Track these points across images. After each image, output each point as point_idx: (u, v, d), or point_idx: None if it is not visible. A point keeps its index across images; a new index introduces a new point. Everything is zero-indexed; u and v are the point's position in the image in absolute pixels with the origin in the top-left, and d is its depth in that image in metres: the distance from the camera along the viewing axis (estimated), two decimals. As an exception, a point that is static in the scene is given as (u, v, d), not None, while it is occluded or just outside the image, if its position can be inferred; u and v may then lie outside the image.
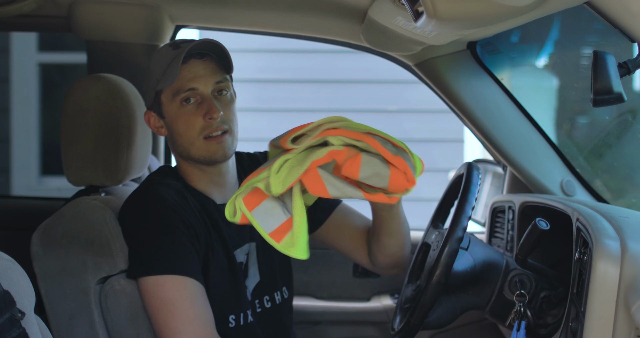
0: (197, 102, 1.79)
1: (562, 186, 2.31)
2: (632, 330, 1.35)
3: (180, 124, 1.79)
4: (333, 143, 1.54)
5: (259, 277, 1.90)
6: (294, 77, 5.47)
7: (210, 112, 1.77)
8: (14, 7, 2.23)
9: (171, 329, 1.68)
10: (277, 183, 1.52)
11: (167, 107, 1.81)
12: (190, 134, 1.79)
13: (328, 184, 1.51)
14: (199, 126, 1.78)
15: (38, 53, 6.03)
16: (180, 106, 1.79)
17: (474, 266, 1.77)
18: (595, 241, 1.45)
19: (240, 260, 1.86)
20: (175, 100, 1.79)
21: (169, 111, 1.81)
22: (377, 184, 1.54)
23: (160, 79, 1.79)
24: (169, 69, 1.77)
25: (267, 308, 1.90)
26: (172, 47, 1.81)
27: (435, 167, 5.49)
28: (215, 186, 1.86)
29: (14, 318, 1.17)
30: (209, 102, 1.78)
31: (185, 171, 1.86)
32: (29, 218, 2.18)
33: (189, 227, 1.75)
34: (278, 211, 1.55)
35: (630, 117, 2.73)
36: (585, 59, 2.97)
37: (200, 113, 1.77)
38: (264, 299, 1.90)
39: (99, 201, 1.82)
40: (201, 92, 1.79)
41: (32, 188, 5.94)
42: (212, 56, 1.81)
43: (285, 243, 1.52)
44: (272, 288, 1.92)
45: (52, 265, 1.76)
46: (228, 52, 1.81)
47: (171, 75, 1.75)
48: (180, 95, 1.78)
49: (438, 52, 2.27)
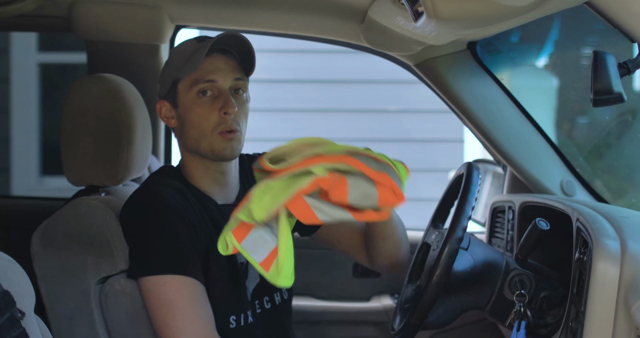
0: (213, 96, 1.78)
1: (562, 186, 2.31)
2: (632, 330, 1.35)
3: (194, 116, 1.79)
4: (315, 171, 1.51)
5: (259, 278, 1.89)
6: (294, 77, 5.47)
7: (226, 107, 1.76)
8: (14, 7, 2.23)
9: (171, 329, 1.68)
10: (259, 210, 1.49)
11: (183, 97, 1.80)
12: (203, 126, 1.78)
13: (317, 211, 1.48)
14: (213, 120, 1.77)
15: (38, 53, 6.03)
16: (197, 97, 1.78)
17: (474, 266, 1.77)
18: (595, 241, 1.45)
19: (241, 261, 1.86)
20: (192, 90, 1.78)
21: (184, 101, 1.80)
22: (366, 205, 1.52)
23: (180, 68, 1.79)
24: (192, 58, 1.77)
25: (267, 309, 1.90)
26: (197, 40, 1.82)
27: (435, 167, 5.50)
28: (217, 186, 1.86)
29: (14, 318, 1.17)
30: (226, 97, 1.78)
31: (189, 169, 1.85)
32: (29, 218, 2.18)
33: (190, 227, 1.75)
34: (266, 239, 1.52)
35: (630, 117, 2.73)
36: (585, 59, 2.97)
37: (216, 107, 1.77)
38: (263, 300, 1.90)
39: (99, 201, 1.82)
40: (219, 86, 1.78)
41: (32, 188, 5.94)
42: (235, 54, 1.81)
43: (272, 272, 1.51)
44: (272, 289, 1.92)
45: (52, 265, 1.76)
46: (253, 51, 1.81)
47: (193, 64, 1.75)
48: (198, 85, 1.78)
49: (438, 52, 2.27)
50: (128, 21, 2.35)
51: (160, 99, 1.86)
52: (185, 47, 1.82)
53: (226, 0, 2.31)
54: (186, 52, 1.81)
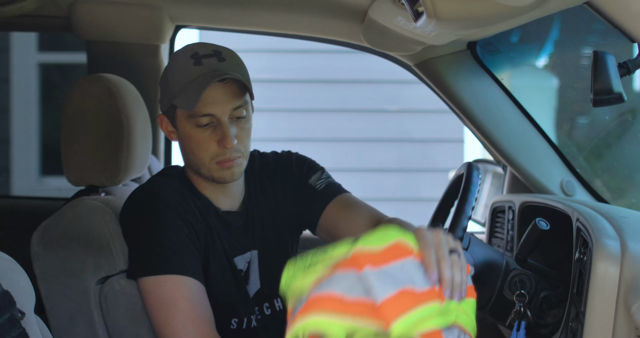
0: (212, 126, 1.73)
1: (562, 186, 2.31)
2: (632, 330, 1.35)
3: (193, 144, 1.75)
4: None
5: (259, 285, 1.89)
6: (294, 77, 5.47)
7: (224, 142, 1.72)
8: (14, 7, 2.23)
9: (171, 329, 1.68)
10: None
11: (181, 124, 1.76)
12: (202, 156, 1.75)
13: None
14: (212, 150, 1.74)
15: (38, 53, 6.03)
16: (195, 127, 1.74)
17: (474, 266, 1.77)
18: (595, 241, 1.45)
19: (240, 267, 1.85)
20: (190, 121, 1.74)
21: (183, 128, 1.76)
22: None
23: (177, 95, 1.73)
24: (189, 89, 1.70)
25: (267, 315, 1.89)
26: (194, 60, 1.72)
27: (435, 167, 5.50)
28: (221, 195, 1.85)
29: (14, 318, 1.17)
30: (224, 131, 1.71)
31: (192, 177, 1.85)
32: (29, 218, 2.18)
33: (189, 227, 1.75)
34: None
35: (630, 117, 2.73)
36: (585, 59, 2.97)
37: (215, 138, 1.73)
38: (264, 306, 1.89)
39: (99, 201, 1.82)
40: (218, 118, 1.73)
41: (32, 188, 5.93)
42: (235, 75, 1.72)
43: None
44: (272, 295, 1.90)
45: (52, 265, 1.76)
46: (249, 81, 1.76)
47: (191, 100, 1.69)
48: (196, 118, 1.73)
49: (438, 52, 2.27)
50: (128, 21, 2.35)
51: (161, 113, 1.83)
52: (181, 69, 1.73)
53: (226, 0, 2.31)
54: (183, 77, 1.72)
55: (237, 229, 1.85)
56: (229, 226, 1.84)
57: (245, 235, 1.86)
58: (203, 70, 1.71)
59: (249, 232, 1.87)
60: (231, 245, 1.83)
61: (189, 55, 1.74)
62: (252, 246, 1.88)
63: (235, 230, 1.85)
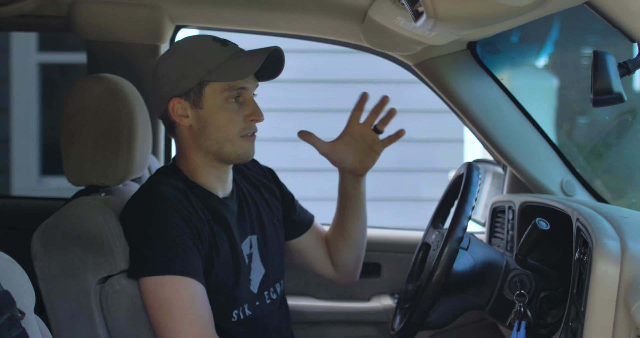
0: (239, 101, 1.83)
1: (562, 186, 2.31)
2: (632, 330, 1.35)
3: (222, 119, 1.81)
4: None
5: (263, 269, 1.92)
6: (294, 77, 5.47)
7: (255, 115, 1.83)
8: (14, 7, 2.23)
9: (171, 329, 1.68)
10: None
11: (210, 100, 1.81)
12: (230, 131, 1.81)
13: None
14: (240, 125, 1.82)
15: (38, 53, 6.03)
16: (226, 101, 1.81)
17: (474, 266, 1.77)
18: (595, 241, 1.45)
19: (246, 253, 1.88)
20: (222, 95, 1.81)
21: (212, 104, 1.81)
22: None
23: (212, 71, 1.79)
24: (230, 65, 1.79)
25: (274, 299, 1.94)
26: (219, 42, 1.83)
27: (435, 167, 5.50)
28: (219, 182, 1.89)
29: (14, 318, 1.17)
30: (254, 105, 1.84)
31: (192, 166, 1.86)
32: (29, 218, 2.18)
33: (191, 227, 1.75)
34: None
35: (630, 117, 2.73)
36: (585, 59, 2.97)
37: (243, 112, 1.82)
38: (270, 291, 1.93)
39: (99, 201, 1.82)
40: (247, 93, 1.83)
41: (32, 188, 5.93)
42: (277, 47, 1.86)
43: None
44: (274, 280, 1.95)
45: (52, 265, 1.76)
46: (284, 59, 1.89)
47: (237, 73, 1.78)
48: (230, 92, 1.80)
49: (438, 52, 2.27)
50: (128, 21, 2.35)
51: (174, 96, 1.83)
52: (212, 49, 1.81)
53: (226, 0, 2.31)
54: (215, 56, 1.80)
55: (236, 214, 1.90)
56: (232, 212, 1.87)
57: (244, 221, 1.91)
58: (235, 49, 1.83)
59: (246, 217, 1.92)
60: (236, 230, 1.87)
61: (210, 39, 1.84)
62: (252, 232, 1.93)
63: (235, 216, 1.88)
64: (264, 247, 1.94)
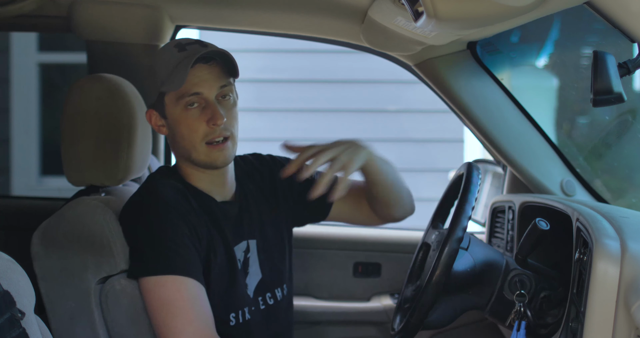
0: (200, 107, 1.78)
1: (562, 186, 2.30)
2: (632, 330, 1.35)
3: (183, 128, 1.79)
4: None
5: (260, 274, 1.90)
6: (293, 77, 5.47)
7: (214, 119, 1.76)
8: (14, 7, 2.23)
9: (171, 329, 1.68)
10: None
11: (170, 109, 1.81)
12: (192, 138, 1.78)
13: None
14: (201, 131, 1.78)
15: (38, 53, 6.03)
16: (184, 109, 1.78)
17: (474, 266, 1.77)
18: (595, 241, 1.45)
19: (239, 257, 1.86)
20: (179, 103, 1.78)
21: (172, 113, 1.81)
22: None
23: (165, 81, 1.78)
24: (176, 72, 1.76)
25: (270, 305, 1.91)
26: (178, 48, 1.80)
27: (435, 167, 5.50)
28: (215, 185, 1.87)
29: (14, 318, 1.17)
30: (213, 108, 1.77)
31: (185, 171, 1.87)
32: (29, 218, 2.17)
33: (191, 227, 1.76)
34: None
35: (630, 117, 2.73)
36: (585, 59, 2.97)
37: (204, 118, 1.77)
38: (266, 296, 1.91)
39: (99, 201, 1.82)
40: (205, 97, 1.78)
41: (32, 188, 5.93)
42: (218, 60, 1.80)
43: None
44: (273, 285, 1.93)
45: (52, 265, 1.76)
46: (234, 58, 1.80)
47: (178, 79, 1.75)
48: (184, 99, 1.77)
49: (438, 52, 2.27)
50: (128, 21, 2.35)
51: (149, 108, 1.87)
52: (166, 58, 1.80)
53: (226, 0, 2.31)
54: (169, 64, 1.79)
55: (233, 218, 1.87)
56: (227, 216, 1.86)
57: (240, 225, 1.89)
58: (187, 54, 1.77)
59: (244, 222, 1.89)
60: (230, 234, 1.85)
61: (173, 45, 1.82)
62: (250, 236, 1.90)
63: (231, 220, 1.87)
64: (263, 252, 1.93)
